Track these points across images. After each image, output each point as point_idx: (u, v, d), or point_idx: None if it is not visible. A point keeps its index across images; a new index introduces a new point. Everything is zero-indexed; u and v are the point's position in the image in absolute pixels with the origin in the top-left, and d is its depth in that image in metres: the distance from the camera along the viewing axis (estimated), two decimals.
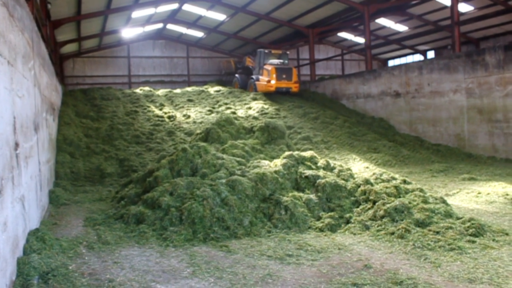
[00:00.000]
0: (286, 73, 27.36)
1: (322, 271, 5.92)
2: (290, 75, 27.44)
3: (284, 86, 27.04)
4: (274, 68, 26.88)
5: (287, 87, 27.15)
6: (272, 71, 26.82)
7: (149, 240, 7.35)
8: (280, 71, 27.14)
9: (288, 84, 27.18)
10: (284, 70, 27.42)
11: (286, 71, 27.47)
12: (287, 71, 27.55)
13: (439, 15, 29.52)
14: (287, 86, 27.15)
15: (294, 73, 27.71)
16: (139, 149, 17.37)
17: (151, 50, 37.91)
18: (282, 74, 27.09)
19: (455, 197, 10.74)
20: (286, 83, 27.12)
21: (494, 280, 5.41)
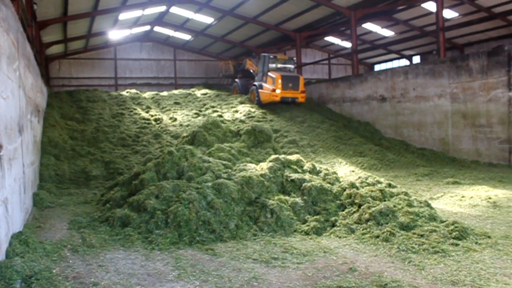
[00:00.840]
0: (292, 81, 24.79)
1: (308, 274, 5.94)
2: (297, 84, 24.91)
3: (290, 96, 24.58)
4: (280, 76, 24.37)
5: (293, 97, 24.70)
6: (277, 79, 24.28)
7: (135, 243, 7.31)
8: (287, 79, 24.58)
9: (294, 93, 24.71)
10: (290, 78, 24.84)
11: (292, 79, 24.89)
12: (293, 79, 24.95)
13: (424, 21, 29.86)
14: (293, 96, 24.68)
15: (301, 82, 25.14)
16: (125, 151, 17.27)
17: (138, 52, 37.77)
18: (288, 82, 24.57)
19: (439, 201, 10.85)
20: (293, 93, 24.66)
21: (477, 282, 5.48)
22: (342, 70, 42.86)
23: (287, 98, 24.53)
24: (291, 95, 24.59)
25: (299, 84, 24.92)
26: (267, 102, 24.95)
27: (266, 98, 24.96)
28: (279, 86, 24.20)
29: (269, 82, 25.11)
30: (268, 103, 25.04)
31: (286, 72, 25.56)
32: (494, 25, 29.31)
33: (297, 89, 24.81)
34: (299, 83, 24.96)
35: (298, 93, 24.83)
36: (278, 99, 24.29)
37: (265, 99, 25.03)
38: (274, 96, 24.21)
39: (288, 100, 24.61)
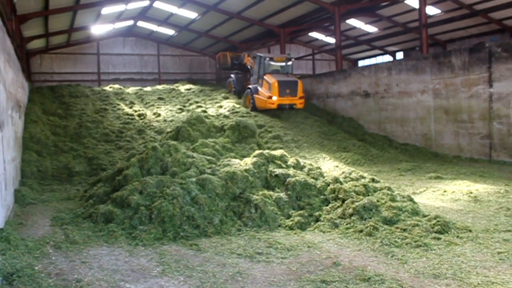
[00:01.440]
0: (290, 87, 22.67)
1: (292, 268, 5.97)
2: (295, 89, 22.80)
3: (288, 102, 22.64)
4: (277, 82, 22.29)
5: (291, 103, 22.79)
6: (274, 85, 22.26)
7: (118, 239, 7.28)
8: (284, 85, 22.53)
9: (292, 100, 22.72)
10: (288, 84, 22.72)
11: (290, 84, 22.77)
12: (291, 84, 22.81)
13: (407, 17, 30.08)
14: (291, 102, 22.76)
15: (299, 87, 22.94)
16: (109, 147, 17.13)
17: (121, 47, 37.39)
18: (285, 88, 22.49)
19: (422, 195, 10.97)
20: (290, 99, 22.64)
21: (458, 275, 5.56)
22: (326, 66, 43.00)
23: (285, 105, 22.69)
24: (288, 102, 22.67)
25: (297, 90, 22.83)
26: (262, 108, 23.20)
27: (261, 105, 23.13)
28: (276, 92, 22.26)
29: (265, 87, 23.07)
30: (264, 109, 23.29)
31: (284, 76, 23.33)
32: (476, 22, 29.65)
33: (295, 95, 22.75)
34: (297, 88, 22.83)
35: (296, 99, 22.84)
36: (274, 107, 22.45)
37: (261, 106, 23.23)
38: (271, 104, 22.39)
39: (285, 107, 22.79)
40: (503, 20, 28.83)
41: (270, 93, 22.42)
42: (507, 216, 8.55)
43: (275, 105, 22.34)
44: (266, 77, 23.15)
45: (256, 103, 23.53)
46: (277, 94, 22.25)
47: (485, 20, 28.88)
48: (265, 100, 22.64)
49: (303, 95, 23.40)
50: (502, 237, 7.16)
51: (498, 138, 16.28)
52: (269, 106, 22.51)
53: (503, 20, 28.90)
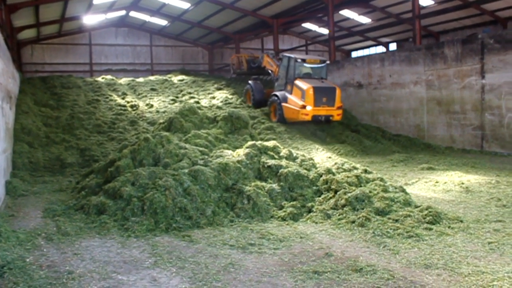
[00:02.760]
0: (327, 94, 19.07)
1: (284, 259, 5.99)
2: (333, 98, 19.15)
3: (324, 113, 19.01)
4: (313, 89, 18.71)
5: (328, 114, 19.13)
6: (309, 92, 18.68)
7: (110, 231, 7.26)
8: (320, 92, 18.92)
9: (329, 110, 19.08)
10: (325, 90, 19.11)
11: (327, 92, 19.14)
12: (329, 92, 19.17)
13: (401, 8, 30.03)
14: (328, 113, 19.10)
15: (337, 95, 19.26)
16: (101, 138, 17.05)
17: (114, 37, 37.10)
18: (322, 96, 18.89)
19: (414, 186, 11.02)
20: (327, 110, 19.03)
21: (449, 265, 5.61)
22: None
23: (320, 117, 19.03)
24: (324, 113, 19.02)
25: (335, 98, 19.18)
26: (293, 120, 19.60)
27: (292, 116, 19.40)
28: (311, 101, 18.66)
29: (296, 94, 19.37)
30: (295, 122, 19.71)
31: (318, 82, 19.54)
32: (468, 14, 29.67)
33: (332, 104, 19.13)
34: (335, 96, 19.19)
35: (334, 109, 19.19)
36: (309, 118, 18.90)
37: (291, 117, 19.50)
38: (304, 115, 18.77)
39: (321, 119, 19.14)
40: (495, 11, 28.86)
41: (303, 102, 18.77)
42: (497, 207, 8.62)
43: (310, 117, 18.79)
44: (298, 82, 19.41)
45: (285, 114, 19.77)
46: (312, 103, 18.67)
47: (478, 12, 28.90)
48: (297, 110, 18.96)
49: (341, 104, 19.65)
50: (493, 227, 7.22)
51: (490, 129, 16.36)
52: (302, 118, 18.85)
53: (496, 12, 28.93)
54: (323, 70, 20.49)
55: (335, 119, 19.58)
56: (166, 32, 38.03)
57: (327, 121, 19.62)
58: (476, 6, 27.54)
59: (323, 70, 20.47)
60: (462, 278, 5.21)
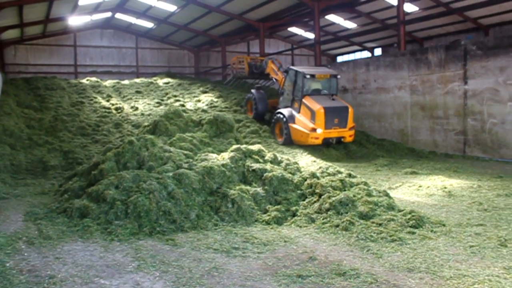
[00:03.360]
0: (339, 115, 17.38)
1: (268, 263, 5.99)
2: (345, 118, 17.50)
3: (336, 135, 17.45)
4: (324, 110, 16.96)
5: (339, 136, 17.60)
6: (319, 114, 16.93)
7: (93, 235, 7.19)
8: (332, 113, 17.19)
9: (341, 132, 17.48)
10: (336, 111, 17.38)
11: (339, 112, 17.45)
12: (341, 112, 17.48)
13: (386, 14, 30.33)
14: (340, 135, 17.54)
15: (350, 115, 17.62)
16: (85, 141, 16.91)
17: (99, 39, 36.85)
18: (333, 117, 17.22)
19: (398, 190, 11.11)
20: (339, 131, 17.41)
21: (431, 269, 5.67)
22: (305, 61, 43.12)
23: (331, 139, 17.45)
24: (336, 135, 17.44)
25: (347, 119, 17.52)
26: (301, 143, 17.80)
27: (301, 139, 17.60)
28: (322, 123, 16.97)
29: (305, 115, 17.61)
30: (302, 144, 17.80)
31: (329, 101, 17.80)
32: (452, 20, 30.08)
33: (344, 125, 17.46)
34: (347, 116, 17.51)
35: (346, 130, 17.57)
36: (319, 142, 17.24)
37: (300, 140, 17.71)
38: (314, 139, 17.07)
39: (331, 141, 17.57)
40: (478, 19, 29.32)
41: (313, 124, 17.04)
42: (479, 211, 8.73)
43: (320, 140, 17.15)
44: (307, 101, 17.60)
45: (293, 136, 17.95)
46: (323, 125, 17.00)
47: (461, 19, 29.33)
48: (306, 133, 17.17)
49: (354, 125, 17.95)
50: (474, 231, 7.31)
51: (472, 134, 16.57)
52: (312, 142, 17.17)
53: (478, 19, 29.39)
54: (334, 85, 18.60)
55: (347, 141, 17.87)
56: (152, 34, 37.89)
57: (338, 143, 18.01)
58: (459, 13, 27.95)
59: (333, 85, 18.59)
60: (444, 282, 5.27)
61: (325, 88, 18.56)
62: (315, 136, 16.99)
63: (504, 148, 15.53)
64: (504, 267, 5.69)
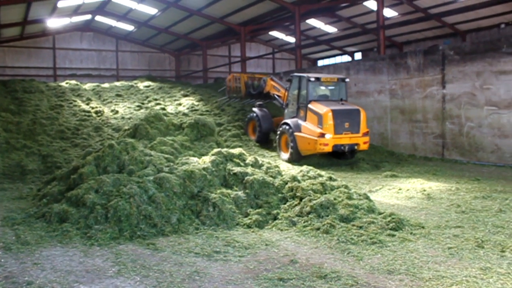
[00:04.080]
0: (350, 118, 15.63)
1: (249, 267, 5.99)
2: (357, 122, 15.71)
3: (348, 142, 15.52)
4: (332, 112, 15.27)
5: (352, 143, 15.62)
6: (326, 117, 15.24)
7: (73, 239, 7.10)
8: (341, 116, 15.47)
9: (353, 138, 15.61)
10: (346, 114, 15.65)
11: (349, 115, 15.70)
12: (351, 115, 15.73)
13: (366, 19, 30.68)
14: (352, 142, 15.61)
15: (363, 119, 15.87)
16: (64, 145, 16.70)
17: (79, 42, 36.50)
18: (343, 121, 15.46)
19: (378, 193, 11.22)
20: (351, 137, 15.57)
21: (411, 271, 5.73)
22: (286, 65, 43.32)
23: (343, 146, 15.48)
24: (348, 141, 15.54)
25: (359, 122, 15.76)
26: (309, 153, 16.06)
27: (308, 148, 15.77)
28: (330, 127, 15.26)
29: (311, 121, 15.85)
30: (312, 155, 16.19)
31: (338, 104, 16.10)
32: (430, 26, 30.58)
33: (357, 130, 15.67)
34: (359, 120, 15.77)
35: (359, 136, 15.72)
36: (329, 149, 15.39)
37: (307, 149, 15.87)
38: (323, 145, 15.20)
39: (343, 149, 15.57)
40: (455, 24, 29.88)
41: (321, 130, 15.34)
42: (457, 213, 8.86)
43: (330, 147, 15.28)
44: (313, 105, 15.96)
45: (300, 146, 16.05)
46: (333, 130, 15.27)
47: (439, 24, 29.83)
48: (314, 140, 15.38)
49: (368, 130, 16.18)
50: (453, 232, 7.42)
51: (450, 137, 16.84)
52: (321, 149, 15.31)
53: (456, 25, 29.95)
54: (343, 90, 16.96)
55: (361, 149, 16.00)
56: (133, 37, 37.67)
57: (352, 152, 16.23)
58: (437, 19, 28.42)
59: (342, 90, 16.95)
60: (423, 283, 5.34)
61: (332, 94, 16.91)
62: (324, 142, 15.17)
63: (481, 151, 15.82)
64: (481, 268, 5.78)
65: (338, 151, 15.66)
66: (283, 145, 17.10)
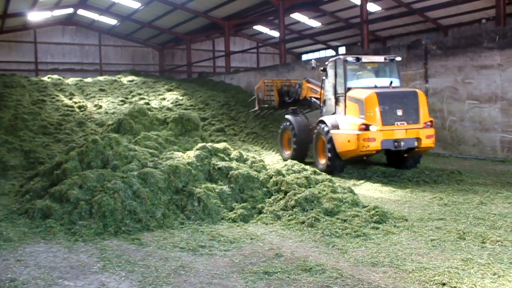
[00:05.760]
0: (403, 103, 11.88)
1: (235, 261, 6.01)
2: (414, 108, 11.92)
3: (403, 137, 11.67)
4: (376, 96, 11.67)
5: (410, 138, 11.74)
6: (369, 101, 11.71)
7: (57, 236, 7.04)
8: (390, 100, 11.79)
9: (412, 131, 11.76)
10: (398, 97, 11.94)
11: (402, 99, 11.94)
12: (405, 99, 11.97)
13: (350, 13, 30.82)
14: (411, 136, 11.75)
15: (422, 104, 12.05)
16: (47, 140, 16.51)
17: (61, 36, 36.06)
18: (395, 107, 11.76)
19: (362, 187, 11.29)
20: (408, 129, 11.73)
21: (394, 263, 5.81)
22: (270, 59, 43.33)
23: (396, 143, 11.60)
24: (404, 135, 11.65)
25: (418, 108, 11.90)
26: (349, 156, 12.19)
27: (348, 148, 11.88)
28: (375, 116, 11.58)
29: (351, 112, 12.27)
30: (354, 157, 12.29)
31: (385, 88, 12.44)
32: (413, 20, 30.85)
33: (415, 119, 11.82)
34: (417, 106, 11.91)
35: (420, 127, 11.82)
36: (377, 147, 11.57)
37: (348, 150, 11.95)
38: (367, 142, 11.40)
39: (398, 147, 11.64)
40: (438, 19, 30.16)
41: (364, 120, 11.62)
42: (439, 205, 8.99)
43: (378, 144, 11.42)
44: (352, 93, 12.38)
45: (338, 148, 12.16)
46: (380, 119, 11.50)
47: (422, 19, 30.10)
48: (354, 136, 11.52)
49: (431, 120, 12.22)
50: (435, 225, 7.53)
51: None
52: (365, 149, 11.45)
53: (438, 19, 30.23)
54: (394, 73, 13.10)
55: (424, 147, 11.96)
56: (116, 31, 37.33)
57: (409, 151, 12.16)
58: (420, 13, 28.67)
59: (393, 73, 13.10)
60: (406, 275, 5.41)
61: (380, 80, 12.96)
62: (368, 137, 11.31)
63: (462, 144, 16.03)
64: (463, 259, 5.89)
65: (390, 149, 11.74)
66: (319, 150, 13.32)
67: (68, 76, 30.48)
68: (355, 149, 11.63)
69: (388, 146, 11.61)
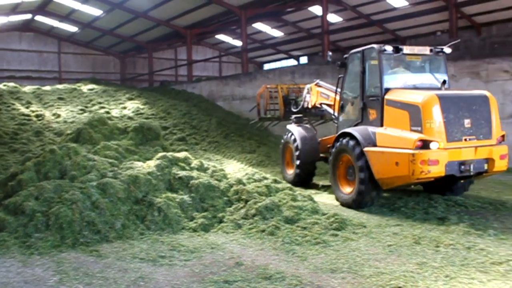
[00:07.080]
0: (472, 112, 8.66)
1: (195, 270, 6.00)
2: (486, 118, 8.76)
3: (472, 158, 8.53)
4: (438, 100, 8.38)
5: (481, 159, 8.62)
6: (428, 107, 8.37)
7: (10, 249, 6.81)
8: (456, 106, 8.55)
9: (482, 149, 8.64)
10: (465, 103, 8.69)
11: (471, 105, 8.70)
12: (474, 105, 8.72)
13: (311, 24, 31.30)
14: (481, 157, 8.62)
15: (494, 112, 8.84)
16: (1, 150, 15.99)
17: (18, 42, 35.17)
18: (461, 115, 8.54)
19: (322, 195, 11.44)
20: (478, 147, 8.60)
21: (353, 269, 5.94)
22: (233, 68, 43.48)
23: (464, 166, 8.49)
24: (473, 155, 8.58)
25: (490, 118, 8.82)
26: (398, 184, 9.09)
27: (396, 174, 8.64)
28: (439, 130, 8.41)
29: (395, 123, 9.02)
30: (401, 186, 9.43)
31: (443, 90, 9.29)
32: (373, 31, 31.61)
33: (487, 135, 8.76)
34: (490, 114, 8.83)
35: (492, 143, 8.80)
36: (440, 173, 8.37)
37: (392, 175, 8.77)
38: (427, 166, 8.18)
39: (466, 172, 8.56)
40: (396, 30, 31.06)
41: (421, 133, 8.41)
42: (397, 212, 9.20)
43: (442, 168, 8.30)
44: (395, 94, 9.18)
45: (376, 172, 8.94)
46: (444, 133, 8.43)
47: (380, 30, 30.90)
48: (406, 157, 8.32)
49: (504, 133, 9.12)
50: (392, 231, 7.73)
51: None
52: (424, 175, 8.29)
53: (396, 31, 31.14)
54: (441, 69, 9.97)
55: (497, 170, 8.95)
56: (76, 39, 36.70)
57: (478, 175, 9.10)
58: (379, 25, 29.44)
59: (440, 69, 9.97)
60: (364, 280, 5.54)
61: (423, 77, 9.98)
62: (429, 159, 8.19)
63: None
64: (418, 263, 6.08)
65: (456, 176, 8.71)
66: (340, 174, 10.13)
67: (25, 84, 29.58)
68: (408, 177, 8.43)
69: (452, 172, 8.48)
